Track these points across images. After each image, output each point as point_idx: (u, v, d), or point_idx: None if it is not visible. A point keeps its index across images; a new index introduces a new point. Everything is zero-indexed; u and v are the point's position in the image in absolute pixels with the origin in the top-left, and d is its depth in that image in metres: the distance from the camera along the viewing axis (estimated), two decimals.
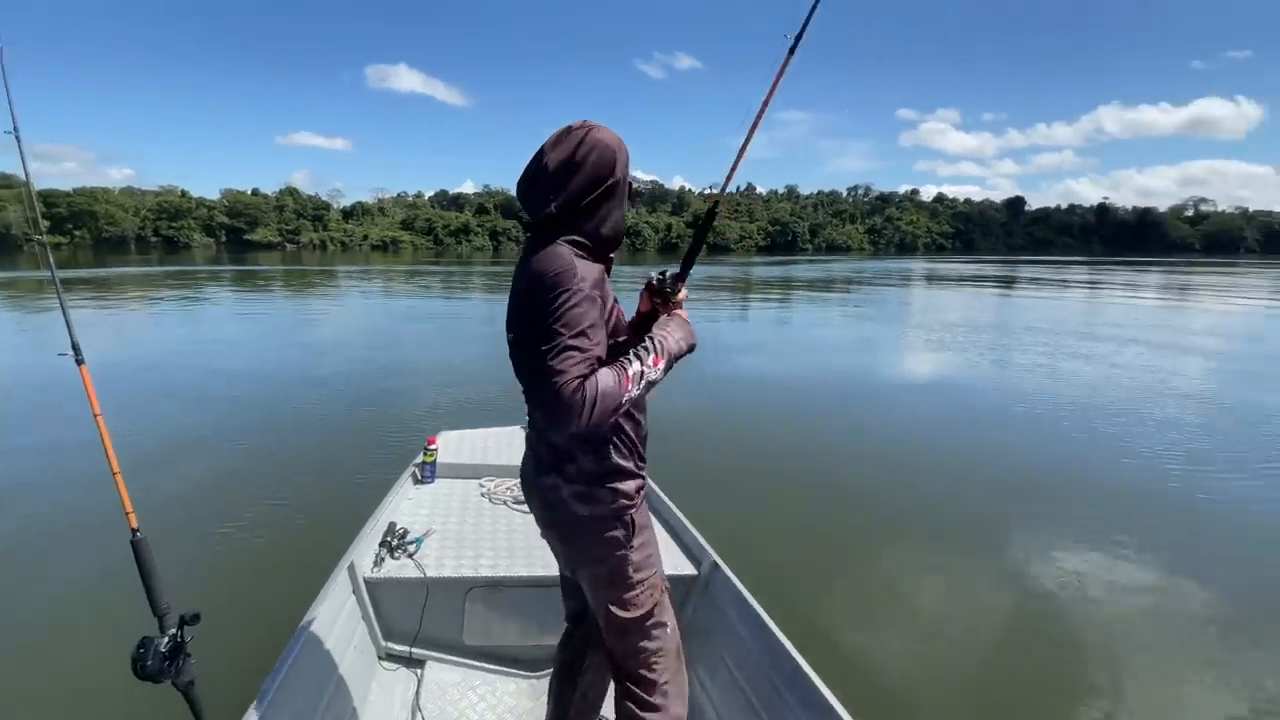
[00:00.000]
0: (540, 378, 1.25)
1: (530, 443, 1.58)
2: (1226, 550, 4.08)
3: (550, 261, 1.30)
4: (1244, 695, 2.73)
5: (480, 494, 2.96)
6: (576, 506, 1.45)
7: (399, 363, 9.40)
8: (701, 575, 2.43)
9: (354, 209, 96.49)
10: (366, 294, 21.88)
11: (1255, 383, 9.19)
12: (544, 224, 1.37)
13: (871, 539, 4.09)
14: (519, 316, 1.37)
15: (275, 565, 3.48)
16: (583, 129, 1.36)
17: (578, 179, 1.34)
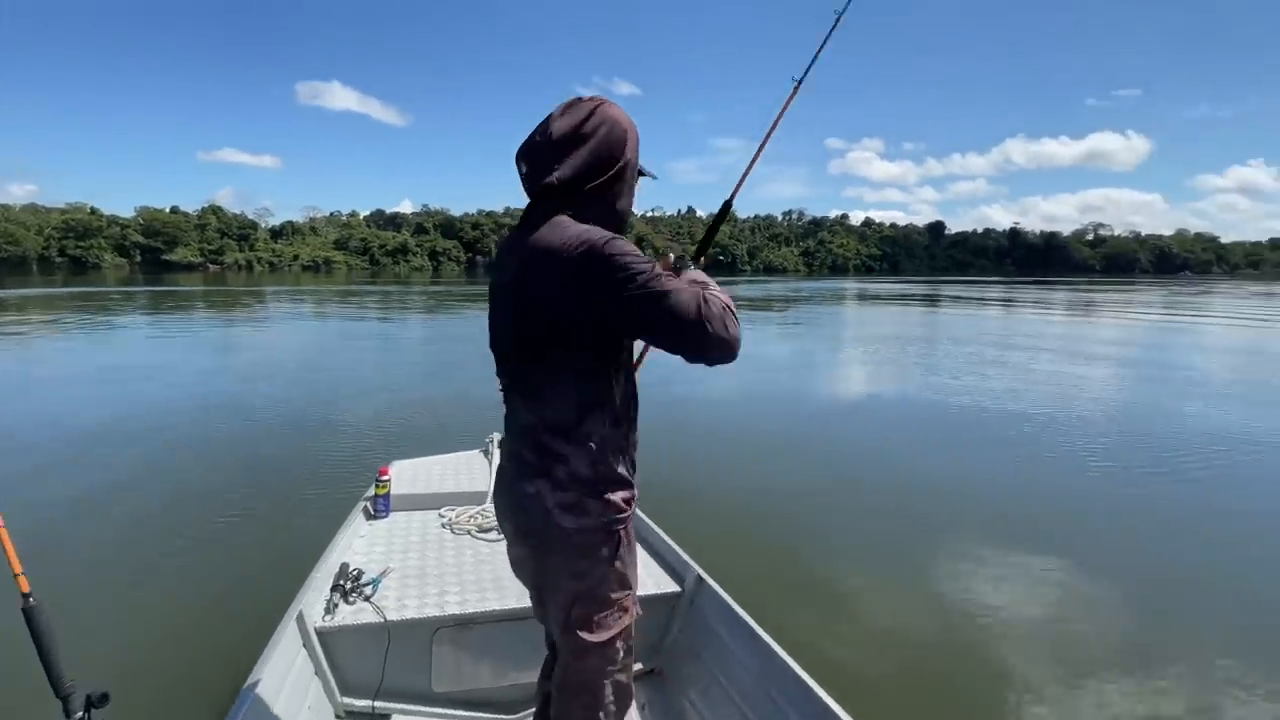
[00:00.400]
0: (662, 316, 1.11)
1: (509, 448, 1.40)
2: (1133, 538, 4.44)
3: (565, 231, 1.17)
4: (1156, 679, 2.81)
5: (441, 525, 2.74)
6: (562, 518, 1.26)
7: (340, 389, 8.78)
8: (686, 592, 2.30)
9: (283, 228, 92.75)
10: (299, 316, 20.85)
11: (1154, 386, 10.16)
12: (544, 196, 1.24)
13: (835, 544, 4.11)
14: (540, 301, 1.19)
15: (211, 623, 3.05)
16: (593, 101, 1.25)
17: (583, 153, 1.22)
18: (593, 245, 1.12)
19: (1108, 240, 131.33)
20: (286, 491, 4.77)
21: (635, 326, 1.17)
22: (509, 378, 1.34)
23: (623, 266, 1.12)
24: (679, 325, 1.11)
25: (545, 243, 1.18)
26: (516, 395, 1.32)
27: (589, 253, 1.12)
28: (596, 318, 1.15)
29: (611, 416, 1.28)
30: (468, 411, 7.47)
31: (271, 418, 7.05)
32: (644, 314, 1.12)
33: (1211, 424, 7.54)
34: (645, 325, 1.15)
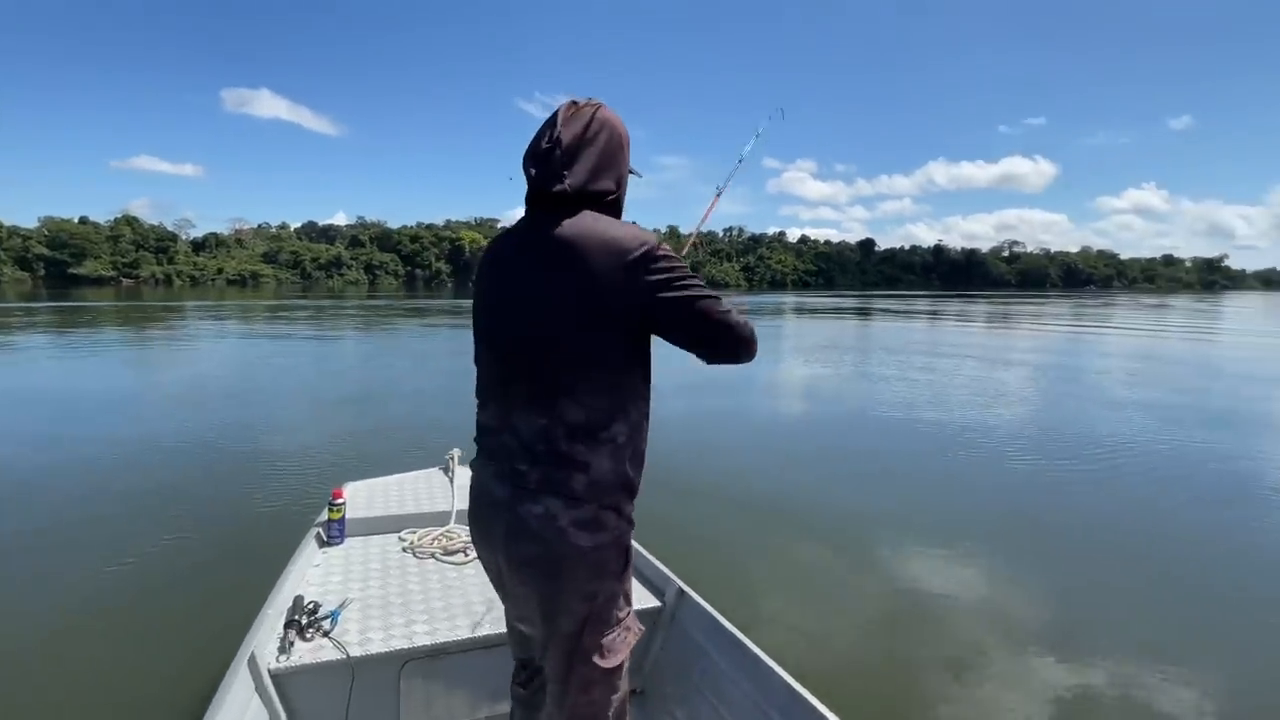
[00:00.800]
0: (707, 319, 1.22)
1: (496, 468, 1.27)
2: (1056, 524, 4.85)
3: (608, 225, 1.21)
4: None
5: (402, 549, 2.58)
6: (577, 537, 1.19)
7: (280, 410, 8.26)
8: (667, 607, 2.23)
9: (206, 240, 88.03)
10: (227, 333, 19.69)
11: (1067, 388, 11.16)
12: (553, 200, 1.24)
13: (805, 549, 4.13)
14: (577, 293, 1.19)
15: (153, 671, 2.74)
16: (591, 106, 1.28)
17: (590, 158, 1.25)
18: (650, 244, 1.18)
19: (1021, 257, 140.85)
20: (228, 522, 4.38)
21: (678, 325, 1.22)
22: (518, 380, 1.24)
23: (678, 267, 1.21)
24: (722, 329, 1.23)
25: (597, 235, 1.18)
26: (522, 401, 1.23)
27: (649, 250, 1.18)
28: (643, 312, 1.19)
29: (639, 413, 1.26)
30: (423, 428, 7.20)
31: (206, 443, 6.44)
32: (692, 315, 1.21)
33: (1114, 421, 8.30)
34: (688, 325, 1.22)
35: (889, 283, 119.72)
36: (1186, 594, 3.78)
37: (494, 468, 1.28)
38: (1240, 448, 7.12)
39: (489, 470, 1.29)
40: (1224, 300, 73.05)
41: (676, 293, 1.19)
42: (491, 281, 1.30)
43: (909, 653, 3.05)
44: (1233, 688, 2.88)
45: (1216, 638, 3.32)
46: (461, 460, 3.29)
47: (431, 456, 3.46)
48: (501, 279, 1.28)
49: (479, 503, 1.32)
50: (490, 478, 1.28)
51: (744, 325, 1.25)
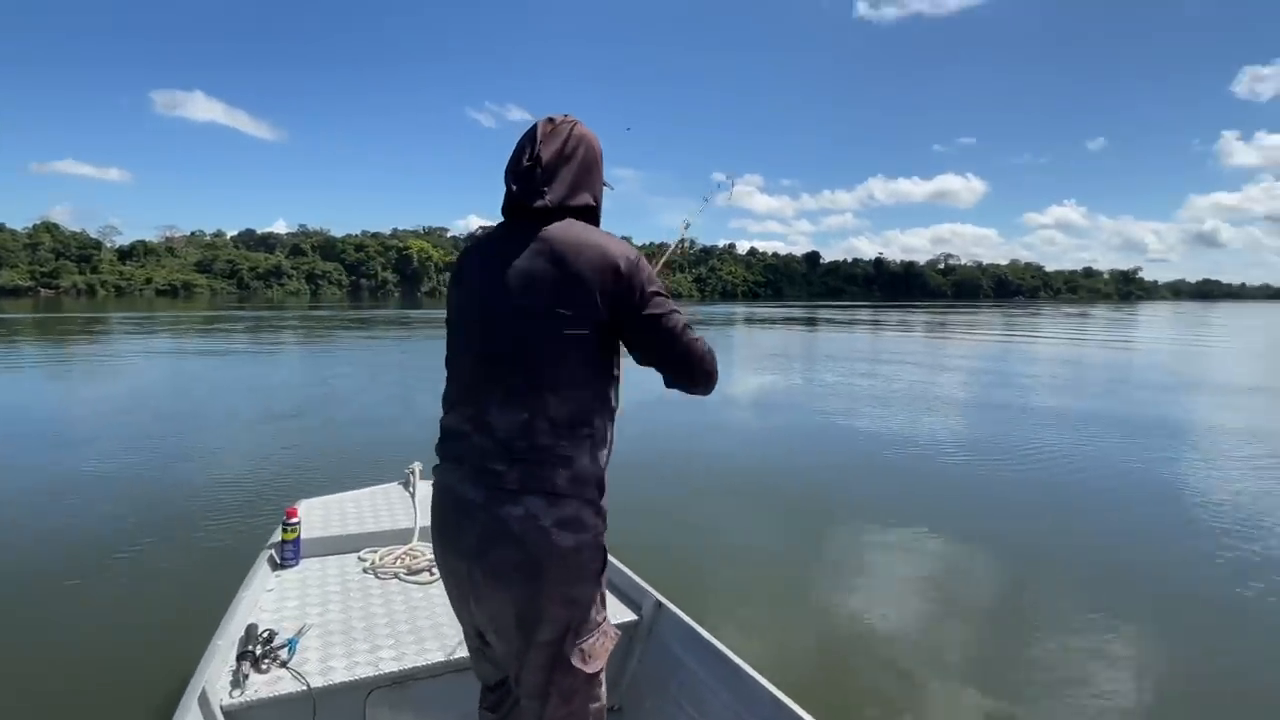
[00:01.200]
0: (676, 341, 1.26)
1: (468, 469, 1.23)
2: (993, 513, 5.24)
3: (596, 234, 1.25)
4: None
5: (363, 570, 2.44)
6: (560, 537, 1.17)
7: (224, 426, 7.74)
8: (644, 620, 2.18)
9: (133, 249, 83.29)
10: (157, 347, 18.59)
11: (1000, 390, 12.07)
12: (533, 214, 1.27)
13: (780, 550, 4.18)
14: (558, 294, 1.21)
15: (98, 713, 2.52)
16: (568, 122, 1.32)
17: (568, 174, 1.29)
18: (636, 258, 1.23)
19: (956, 269, 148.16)
20: (172, 549, 4.06)
21: (651, 341, 1.26)
22: (499, 378, 1.22)
23: (658, 289, 1.25)
24: (690, 355, 1.27)
25: (590, 241, 1.22)
26: (499, 398, 1.20)
27: (637, 263, 1.23)
28: (624, 320, 1.23)
29: (610, 413, 1.28)
30: (379, 441, 6.93)
31: (143, 466, 5.96)
32: (663, 336, 1.25)
33: (1040, 419, 8.97)
34: (658, 345, 1.26)
35: (834, 294, 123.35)
36: (1117, 579, 4.05)
37: (464, 471, 1.23)
38: (1149, 446, 7.69)
39: (458, 474, 1.25)
40: (1139, 310, 78.31)
41: (656, 310, 1.23)
42: (475, 281, 1.29)
43: (889, 655, 3.07)
44: (1161, 662, 3.14)
45: (1144, 617, 3.58)
46: (423, 474, 3.17)
47: (390, 471, 3.32)
48: (487, 278, 1.27)
49: (446, 509, 1.27)
50: (460, 481, 1.24)
51: (709, 357, 1.30)
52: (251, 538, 2.91)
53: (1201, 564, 4.23)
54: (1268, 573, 4.05)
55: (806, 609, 3.53)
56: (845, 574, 3.96)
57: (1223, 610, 3.63)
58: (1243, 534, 4.72)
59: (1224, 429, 8.69)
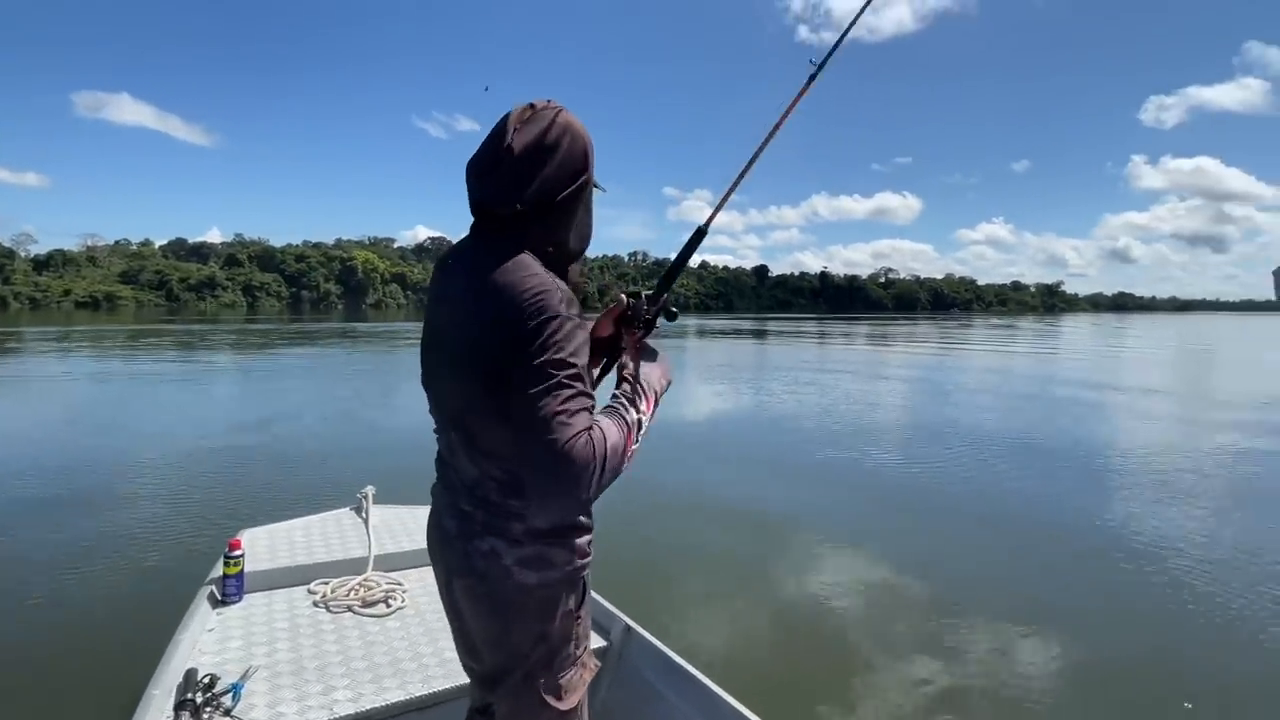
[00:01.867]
0: (533, 431, 0.95)
1: (445, 500, 1.21)
2: (924, 514, 5.61)
3: (523, 277, 1.01)
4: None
5: (313, 604, 2.31)
6: (523, 575, 1.12)
7: (152, 450, 7.12)
8: (613, 646, 2.14)
9: (51, 258, 78.07)
10: (77, 365, 17.39)
11: (938, 397, 13.06)
12: (503, 223, 1.09)
13: (747, 565, 4.18)
14: (475, 346, 1.04)
15: None
16: (551, 109, 1.11)
17: (550, 169, 1.08)
18: (544, 314, 0.98)
19: (896, 283, 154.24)
20: (102, 589, 3.69)
21: (515, 410, 0.97)
22: (449, 421, 1.16)
23: (549, 358, 0.96)
24: (543, 453, 0.95)
25: (507, 277, 1.02)
26: (459, 443, 1.14)
27: (542, 318, 0.98)
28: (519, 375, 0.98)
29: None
30: (331, 463, 6.60)
31: (62, 496, 5.46)
32: (522, 417, 0.96)
33: (972, 423, 9.71)
34: (519, 420, 0.97)
35: (782, 306, 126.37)
36: (1042, 566, 4.47)
37: (447, 499, 1.21)
38: (1070, 441, 8.49)
39: (442, 500, 1.23)
40: (1062, 321, 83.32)
41: (525, 367, 0.96)
42: (428, 313, 1.21)
43: (861, 671, 3.09)
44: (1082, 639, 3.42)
45: (1064, 599, 3.95)
46: (376, 498, 3.04)
47: (342, 496, 3.16)
48: (431, 315, 1.19)
49: (431, 530, 1.26)
50: (443, 508, 1.23)
51: (577, 458, 0.94)
52: (190, 573, 2.63)
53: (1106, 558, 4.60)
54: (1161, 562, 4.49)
55: (777, 627, 3.53)
56: (811, 588, 4.00)
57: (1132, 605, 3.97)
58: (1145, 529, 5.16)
59: (1137, 432, 9.34)
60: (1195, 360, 25.48)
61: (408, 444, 7.17)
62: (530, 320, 0.98)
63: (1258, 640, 3.47)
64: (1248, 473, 7.21)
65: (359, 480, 3.15)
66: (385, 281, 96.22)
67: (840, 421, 9.67)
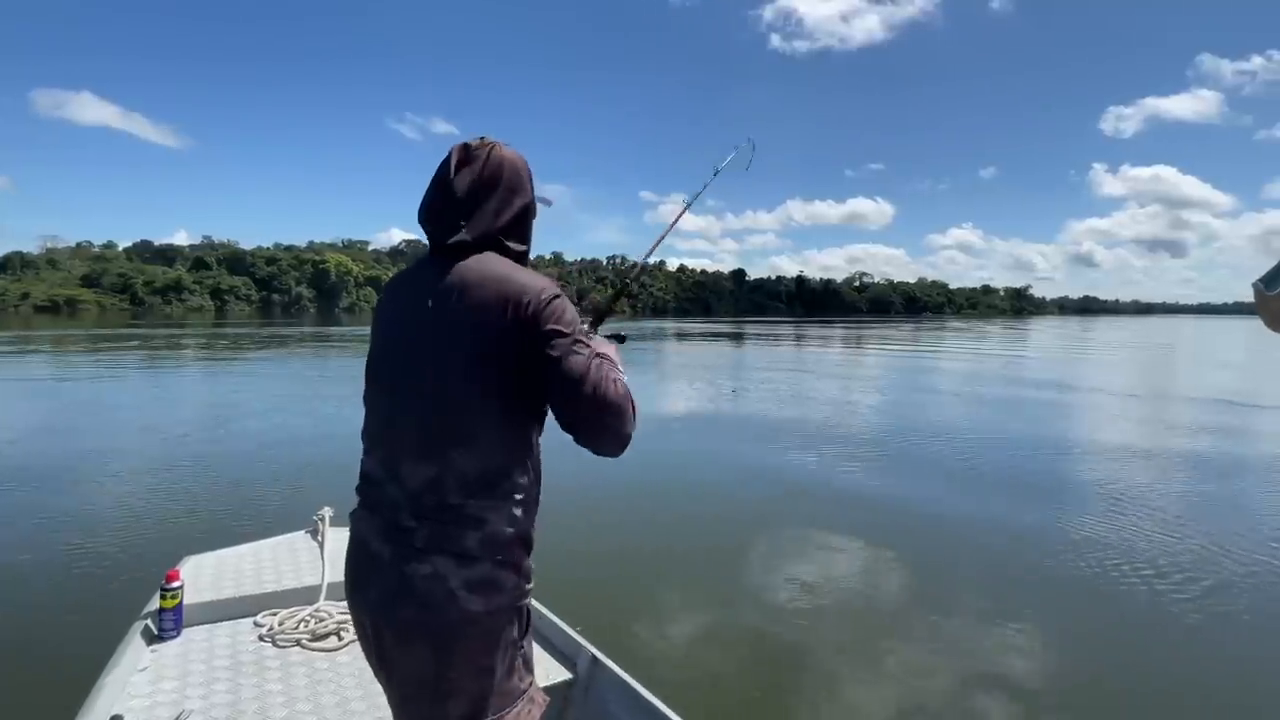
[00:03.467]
0: (579, 384, 1.09)
1: (380, 523, 1.15)
2: (901, 512, 5.84)
3: (511, 269, 1.15)
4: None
5: (259, 638, 2.17)
6: (469, 601, 1.07)
7: (90, 464, 6.75)
8: (579, 679, 2.06)
9: (8, 260, 75.42)
10: (30, 372, 16.76)
11: (912, 396, 13.83)
12: (457, 250, 1.18)
13: (713, 586, 4.10)
14: (468, 334, 1.12)
15: None
16: (485, 147, 1.21)
17: (490, 205, 1.19)
18: (547, 292, 1.12)
19: (870, 287, 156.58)
20: (20, 622, 3.38)
21: (553, 384, 1.12)
22: (408, 427, 1.15)
23: (570, 322, 1.13)
24: (592, 399, 1.09)
25: (495, 277, 1.13)
26: (411, 449, 1.13)
27: (544, 298, 1.11)
28: (532, 362, 1.11)
29: (535, 461, 1.19)
30: (286, 480, 6.26)
31: None
32: (561, 382, 1.10)
33: (945, 424, 9.94)
34: (556, 393, 1.12)
35: (759, 309, 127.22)
36: (1013, 569, 4.56)
37: (377, 522, 1.16)
38: (1042, 444, 8.70)
39: (371, 524, 1.17)
40: (1031, 324, 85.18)
41: (555, 350, 1.10)
42: (386, 321, 1.24)
43: (835, 698, 3.04)
44: (1055, 641, 3.50)
45: (1038, 602, 4.01)
46: (334, 520, 2.90)
47: (296, 518, 3.02)
48: (396, 318, 1.22)
49: (357, 560, 1.20)
50: (371, 532, 1.17)
51: (615, 407, 1.10)
52: (125, 605, 2.43)
53: (1071, 554, 4.74)
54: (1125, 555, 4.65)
55: (753, 652, 3.42)
56: (787, 608, 3.89)
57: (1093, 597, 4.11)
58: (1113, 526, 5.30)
59: (1106, 434, 9.49)
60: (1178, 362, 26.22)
61: None
62: (539, 300, 1.10)
63: (1233, 640, 3.58)
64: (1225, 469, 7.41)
65: (316, 500, 3.01)
66: (359, 285, 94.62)
67: (816, 426, 9.72)
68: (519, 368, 1.11)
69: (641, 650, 3.23)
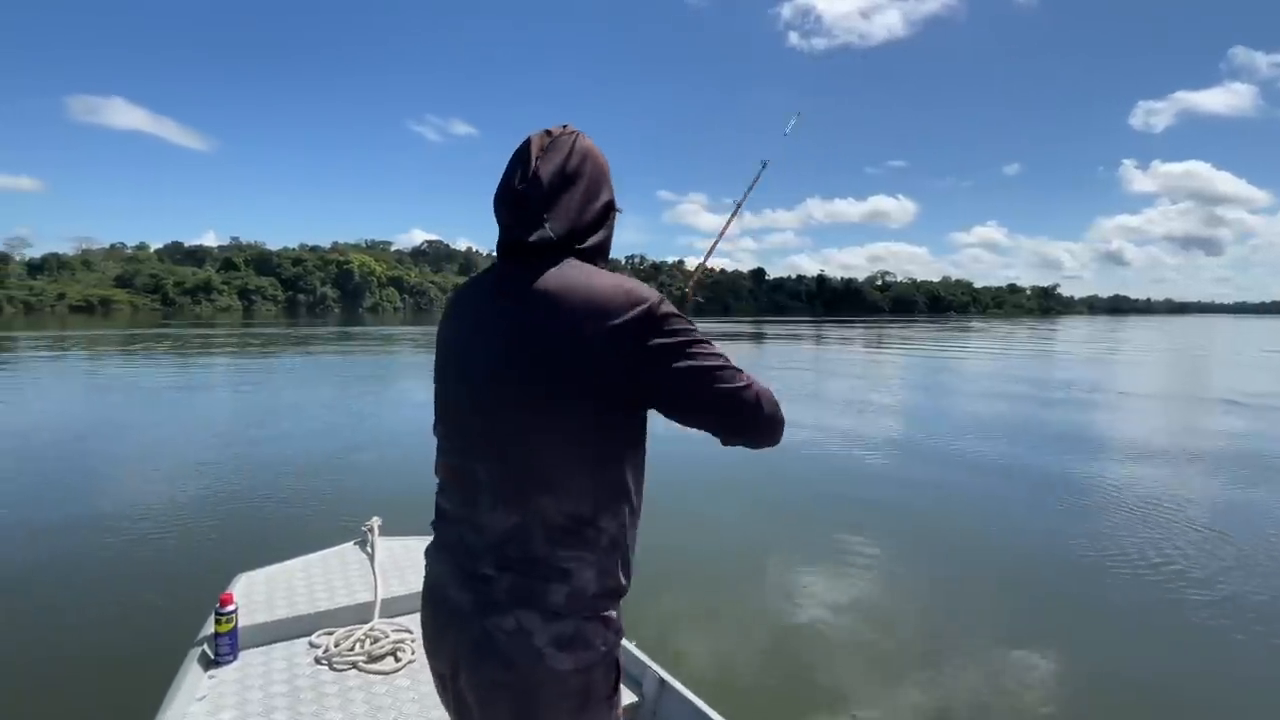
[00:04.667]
0: (721, 394, 1.00)
1: (456, 568, 1.04)
2: (936, 525, 5.61)
3: (604, 279, 1.00)
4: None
5: (315, 660, 2.11)
6: (557, 659, 0.97)
7: (137, 474, 6.59)
8: (645, 702, 1.97)
9: (46, 261, 77.54)
10: (66, 371, 17.16)
11: (937, 397, 13.89)
12: (537, 250, 1.03)
13: (784, 597, 3.97)
14: (565, 357, 0.96)
15: None
16: (569, 135, 1.08)
17: (575, 197, 1.05)
18: (650, 302, 0.97)
19: (893, 286, 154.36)
20: (76, 645, 3.22)
21: (687, 402, 1.01)
22: (485, 466, 1.02)
23: (685, 330, 0.99)
24: (743, 406, 1.02)
25: (584, 290, 0.98)
26: (489, 491, 1.01)
27: (648, 309, 0.97)
28: (641, 385, 0.98)
29: (630, 506, 1.04)
30: (333, 487, 6.06)
31: (32, 529, 4.91)
32: (704, 391, 0.99)
33: (973, 431, 9.57)
34: (700, 403, 1.01)
35: (779, 309, 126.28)
36: (1037, 585, 4.38)
37: (452, 566, 1.06)
38: (1075, 456, 8.22)
39: (446, 569, 1.07)
40: (1059, 324, 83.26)
41: (685, 362, 0.97)
42: (454, 343, 1.09)
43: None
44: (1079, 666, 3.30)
45: (1063, 623, 3.81)
46: (383, 530, 2.84)
47: (347, 525, 2.96)
48: (466, 340, 1.07)
49: (433, 606, 1.09)
50: (447, 577, 1.06)
51: (765, 402, 1.03)
52: (177, 629, 2.33)
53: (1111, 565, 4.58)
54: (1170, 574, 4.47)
55: (825, 669, 3.24)
56: (854, 626, 3.70)
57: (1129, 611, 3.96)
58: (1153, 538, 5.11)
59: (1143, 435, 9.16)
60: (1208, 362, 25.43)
61: (418, 462, 6.83)
62: (649, 311, 0.97)
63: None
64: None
65: (364, 507, 2.97)
66: (382, 284, 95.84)
67: (875, 435, 9.42)
68: (628, 391, 0.98)
69: (708, 669, 3.12)
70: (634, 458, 1.04)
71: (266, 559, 2.67)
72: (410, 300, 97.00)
